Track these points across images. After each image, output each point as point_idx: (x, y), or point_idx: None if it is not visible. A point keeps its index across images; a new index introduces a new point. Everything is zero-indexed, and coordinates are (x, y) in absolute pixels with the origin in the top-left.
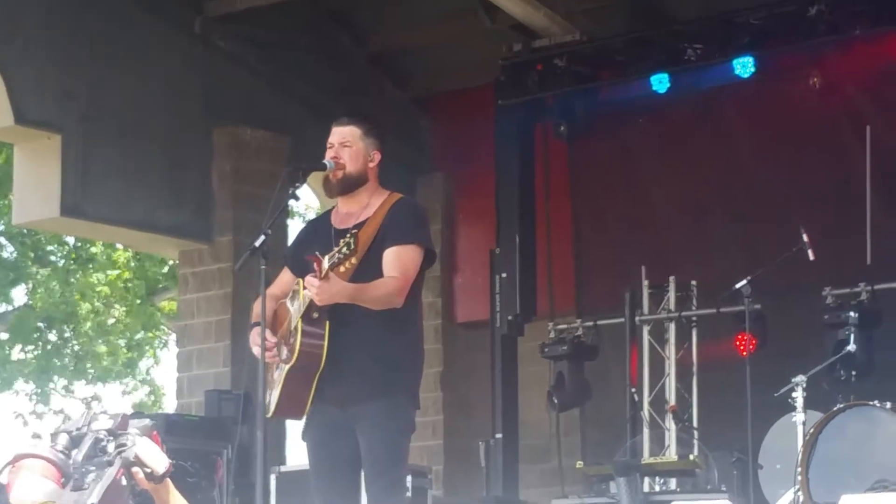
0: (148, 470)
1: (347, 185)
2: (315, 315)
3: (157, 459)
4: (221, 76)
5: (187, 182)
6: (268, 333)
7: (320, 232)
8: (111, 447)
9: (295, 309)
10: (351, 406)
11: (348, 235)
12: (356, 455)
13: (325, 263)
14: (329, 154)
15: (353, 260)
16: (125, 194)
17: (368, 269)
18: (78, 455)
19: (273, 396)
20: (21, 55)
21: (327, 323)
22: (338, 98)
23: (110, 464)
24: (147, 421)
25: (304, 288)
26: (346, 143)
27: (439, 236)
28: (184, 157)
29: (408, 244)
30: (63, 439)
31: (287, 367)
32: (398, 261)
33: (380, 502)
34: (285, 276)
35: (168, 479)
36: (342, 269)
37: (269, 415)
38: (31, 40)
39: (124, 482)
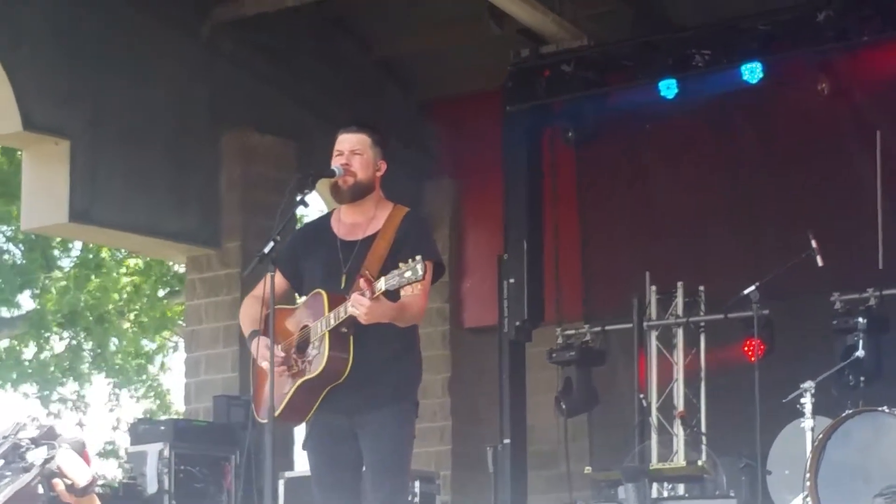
0: (69, 481)
1: (357, 193)
2: (344, 330)
3: (79, 472)
4: (228, 82)
5: (195, 187)
6: (277, 349)
7: (322, 240)
8: (31, 455)
9: (322, 321)
10: (357, 415)
11: (413, 261)
12: (358, 461)
13: (382, 285)
14: (339, 161)
15: (419, 287)
16: (133, 200)
17: None
18: None
19: (280, 402)
20: (28, 61)
21: (352, 338)
22: (345, 104)
23: (26, 470)
24: (79, 437)
25: (328, 303)
26: (356, 150)
27: (447, 242)
28: (192, 163)
29: (424, 261)
30: None
31: (305, 377)
32: None
33: None
34: (276, 278)
35: (94, 495)
36: (402, 292)
37: (275, 415)
38: (38, 46)
39: (41, 490)
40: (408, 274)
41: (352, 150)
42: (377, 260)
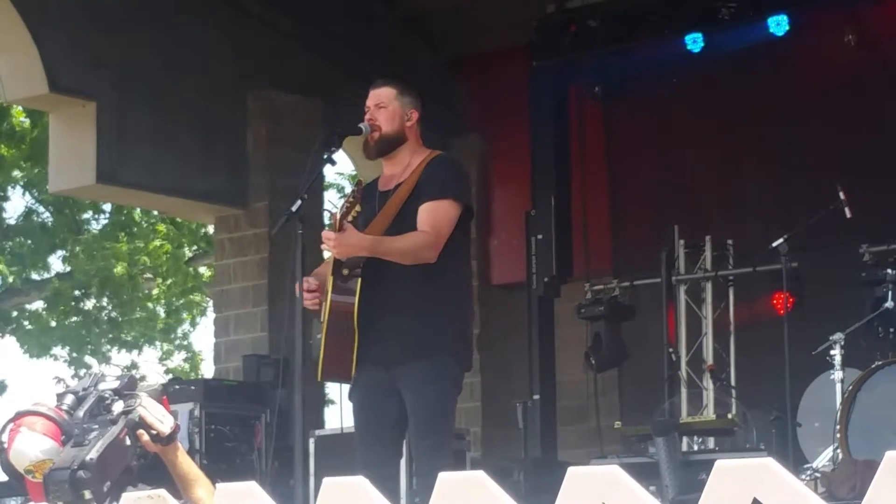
0: (153, 432)
1: (385, 146)
2: (345, 272)
3: (162, 420)
4: (255, 41)
5: (222, 147)
6: (309, 279)
7: (370, 195)
8: (116, 407)
9: (329, 267)
10: (394, 367)
11: (354, 187)
12: (402, 415)
13: (338, 213)
14: (365, 117)
15: (358, 207)
16: (161, 161)
17: (404, 226)
18: (80, 413)
19: (319, 359)
20: (54, 23)
21: (359, 280)
22: (371, 61)
23: (114, 422)
24: (157, 385)
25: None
26: (380, 104)
27: (474, 199)
28: (218, 123)
29: (441, 199)
30: (69, 399)
31: (324, 327)
32: (430, 215)
33: (424, 464)
34: None
35: (177, 441)
36: (349, 218)
37: (318, 378)
38: (64, 8)
39: (128, 443)
40: (350, 198)
41: (376, 104)
42: (397, 202)
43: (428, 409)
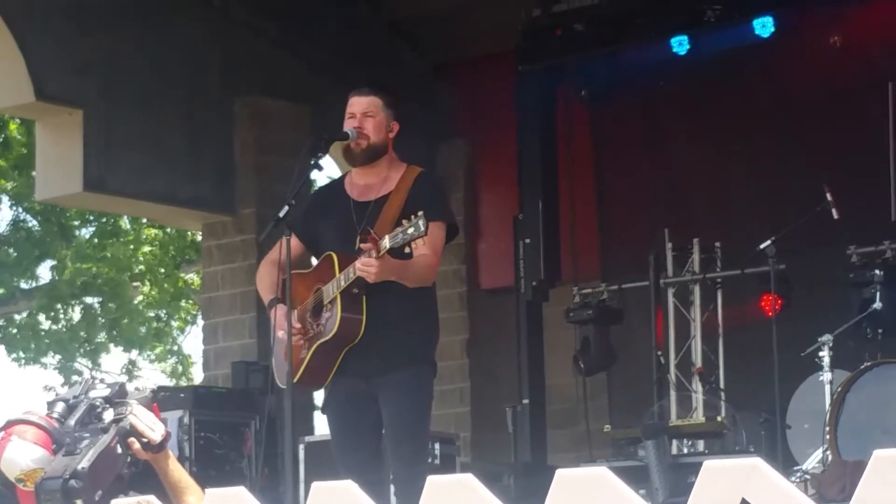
0: (144, 440)
1: (371, 155)
2: (355, 291)
3: (153, 428)
4: (241, 47)
5: (209, 154)
6: (293, 316)
7: (336, 202)
8: (107, 415)
9: (333, 283)
10: (374, 378)
11: (415, 217)
12: (378, 424)
13: (387, 243)
14: (351, 124)
15: (422, 242)
16: (147, 168)
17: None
18: (71, 421)
19: (298, 367)
20: (40, 31)
21: (364, 298)
22: (357, 67)
23: (105, 431)
24: (147, 392)
25: (339, 265)
26: (368, 113)
27: (462, 203)
28: (205, 130)
29: (435, 221)
30: (60, 407)
31: (321, 340)
32: (429, 238)
33: (404, 470)
34: (292, 242)
35: (168, 449)
36: (406, 250)
37: (293, 382)
38: (49, 15)
39: (119, 451)
40: (411, 230)
41: (364, 112)
42: (389, 220)
43: (409, 415)
